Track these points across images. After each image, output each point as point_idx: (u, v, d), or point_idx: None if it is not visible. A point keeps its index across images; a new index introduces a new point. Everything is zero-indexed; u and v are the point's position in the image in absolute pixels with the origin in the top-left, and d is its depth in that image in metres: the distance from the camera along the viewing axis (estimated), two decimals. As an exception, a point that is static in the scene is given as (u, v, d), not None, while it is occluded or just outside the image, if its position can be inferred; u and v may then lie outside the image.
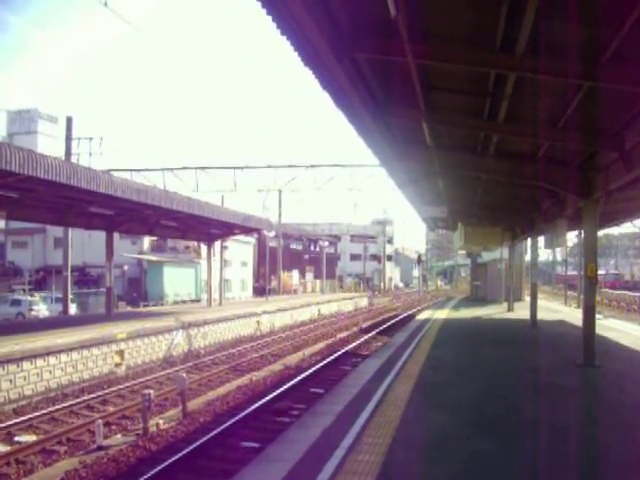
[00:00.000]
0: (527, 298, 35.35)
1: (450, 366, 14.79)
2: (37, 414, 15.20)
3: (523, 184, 18.87)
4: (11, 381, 16.47)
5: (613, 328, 24.28)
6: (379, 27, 9.47)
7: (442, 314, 32.80)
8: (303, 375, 19.35)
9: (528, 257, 36.24)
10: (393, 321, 38.21)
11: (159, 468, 10.86)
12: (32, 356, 17.26)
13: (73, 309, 36.35)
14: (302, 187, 46.98)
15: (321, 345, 28.84)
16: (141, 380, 19.63)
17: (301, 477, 6.78)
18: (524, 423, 9.45)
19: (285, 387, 17.50)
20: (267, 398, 16.01)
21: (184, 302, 47.08)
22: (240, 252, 61.12)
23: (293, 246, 78.51)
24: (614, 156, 12.85)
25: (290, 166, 45.12)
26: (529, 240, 29.45)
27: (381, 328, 33.79)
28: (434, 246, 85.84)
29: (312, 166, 44.12)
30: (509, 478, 6.97)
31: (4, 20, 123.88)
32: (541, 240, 25.99)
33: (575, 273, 53.62)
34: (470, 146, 16.42)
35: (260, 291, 58.67)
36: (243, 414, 14.39)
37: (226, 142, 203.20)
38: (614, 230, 72.83)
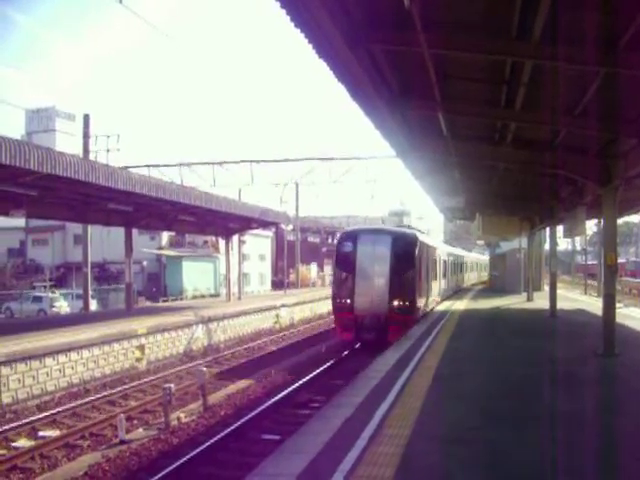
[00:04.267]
0: (546, 288, 35.15)
1: (469, 357, 14.74)
2: (60, 409, 15.38)
3: (541, 173, 18.74)
4: (34, 377, 16.67)
5: (633, 317, 24.07)
6: (393, 17, 9.42)
7: (461, 305, 32.67)
8: (323, 367, 19.39)
9: (547, 247, 36.01)
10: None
11: (181, 462, 10.94)
12: (54, 352, 17.45)
13: (93, 305, 36.69)
14: (318, 180, 46.84)
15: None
16: (161, 374, 19.78)
17: (322, 468, 6.79)
18: (543, 413, 9.39)
19: (305, 379, 17.55)
20: (287, 391, 16.07)
21: (203, 297, 47.31)
22: (258, 246, 61.26)
23: (311, 239, 78.53)
24: (633, 142, 12.71)
25: (306, 159, 44.96)
26: (548, 229, 29.25)
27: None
28: (452, 237, 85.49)
29: (328, 159, 43.97)
30: (529, 468, 6.93)
31: (15, 20, 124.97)
32: (560, 229, 25.77)
33: (595, 262, 53.08)
34: (487, 135, 16.32)
35: (279, 284, 58.82)
36: (263, 407, 14.45)
37: (242, 136, 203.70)
38: (634, 218, 72.00)
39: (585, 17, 8.52)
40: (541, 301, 30.20)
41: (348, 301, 22.90)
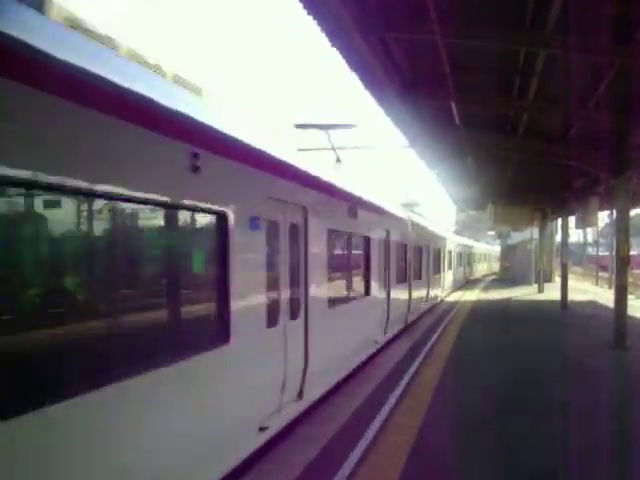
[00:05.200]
0: (557, 279, 35.01)
1: (481, 348, 14.72)
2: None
3: (554, 163, 18.65)
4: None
5: (645, 309, 23.94)
6: (407, 6, 9.41)
7: (472, 295, 32.60)
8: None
9: (558, 238, 35.82)
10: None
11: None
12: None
13: None
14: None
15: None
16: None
17: (334, 455, 6.84)
18: (554, 404, 9.39)
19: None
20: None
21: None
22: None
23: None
24: (647, 133, 12.65)
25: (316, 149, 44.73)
26: (560, 220, 29.10)
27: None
28: (462, 227, 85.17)
29: (338, 148, 43.71)
30: (541, 458, 6.94)
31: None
32: (572, 220, 25.65)
33: (607, 254, 52.76)
34: (500, 126, 16.27)
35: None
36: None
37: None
38: (647, 210, 71.50)
39: (600, 6, 8.48)
40: (552, 292, 30.09)
41: None
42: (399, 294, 16.41)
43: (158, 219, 5.05)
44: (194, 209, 5.32)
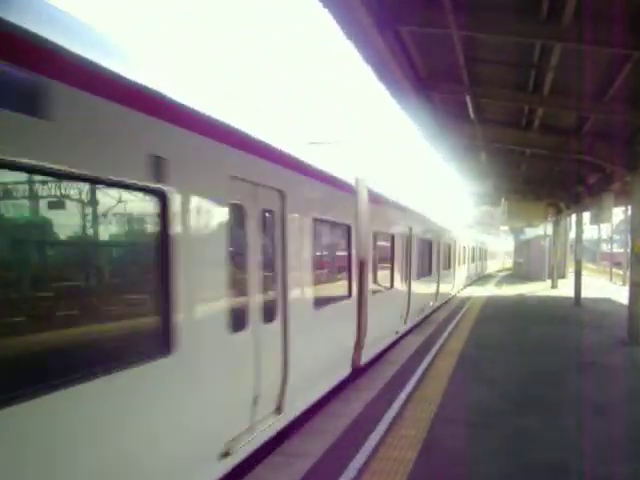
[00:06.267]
0: (571, 275, 34.86)
1: (493, 343, 14.67)
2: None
3: (568, 159, 18.54)
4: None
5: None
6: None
7: (485, 291, 32.54)
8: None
9: (572, 234, 35.64)
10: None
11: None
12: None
13: None
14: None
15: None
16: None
17: (345, 449, 6.87)
18: (567, 400, 9.36)
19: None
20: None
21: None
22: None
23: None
24: (663, 128, 12.55)
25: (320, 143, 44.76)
26: (574, 216, 28.93)
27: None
28: (475, 222, 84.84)
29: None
30: (553, 455, 6.93)
31: None
32: (586, 216, 25.50)
33: (621, 251, 52.42)
34: (514, 120, 16.20)
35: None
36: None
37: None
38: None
39: (617, -1, 8.42)
40: (566, 289, 29.98)
41: None
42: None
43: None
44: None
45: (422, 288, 17.68)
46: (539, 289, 32.92)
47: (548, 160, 20.08)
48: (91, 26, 4.38)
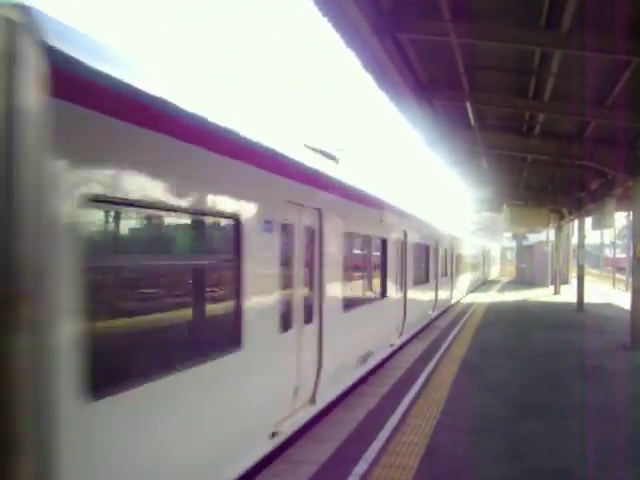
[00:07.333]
0: (574, 281, 34.81)
1: (496, 349, 14.66)
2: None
3: (570, 164, 18.55)
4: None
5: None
6: (421, 6, 9.42)
7: (487, 297, 32.50)
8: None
9: (575, 239, 35.59)
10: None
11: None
12: None
13: None
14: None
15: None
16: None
17: (348, 455, 6.86)
18: (570, 406, 9.34)
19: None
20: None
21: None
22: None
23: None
24: (664, 133, 12.55)
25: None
26: (576, 222, 28.91)
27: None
28: (478, 228, 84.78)
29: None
30: (557, 460, 6.91)
31: None
32: (589, 221, 25.49)
33: (624, 256, 52.36)
34: (515, 126, 16.22)
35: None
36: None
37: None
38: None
39: (616, 5, 8.43)
40: (568, 294, 29.92)
41: None
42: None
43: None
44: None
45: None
46: (542, 295, 32.88)
47: (550, 166, 20.10)
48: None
